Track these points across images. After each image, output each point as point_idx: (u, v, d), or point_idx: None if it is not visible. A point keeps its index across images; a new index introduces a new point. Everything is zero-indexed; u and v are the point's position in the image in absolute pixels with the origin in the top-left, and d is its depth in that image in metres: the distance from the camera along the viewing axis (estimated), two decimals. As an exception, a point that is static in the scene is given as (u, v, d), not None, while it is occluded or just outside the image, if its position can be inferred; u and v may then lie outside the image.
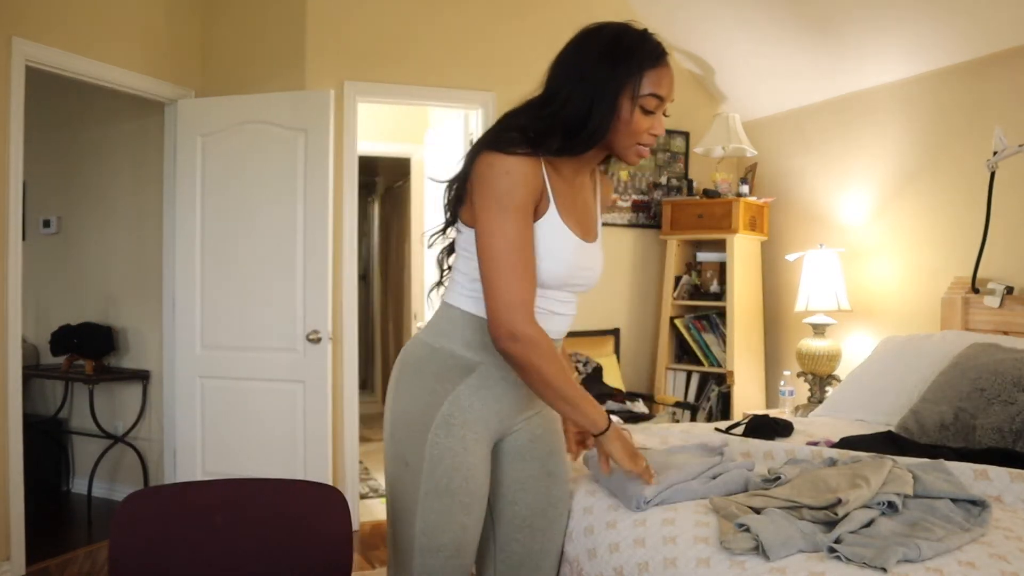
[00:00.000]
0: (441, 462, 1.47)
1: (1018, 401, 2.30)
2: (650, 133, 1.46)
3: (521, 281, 1.37)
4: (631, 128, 1.43)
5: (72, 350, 4.13)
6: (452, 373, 1.49)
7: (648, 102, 1.42)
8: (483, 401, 1.50)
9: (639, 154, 1.49)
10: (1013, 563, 1.33)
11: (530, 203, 1.41)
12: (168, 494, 1.53)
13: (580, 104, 1.40)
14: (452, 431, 1.47)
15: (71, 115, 4.43)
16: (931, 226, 3.56)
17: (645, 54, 1.42)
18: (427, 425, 1.48)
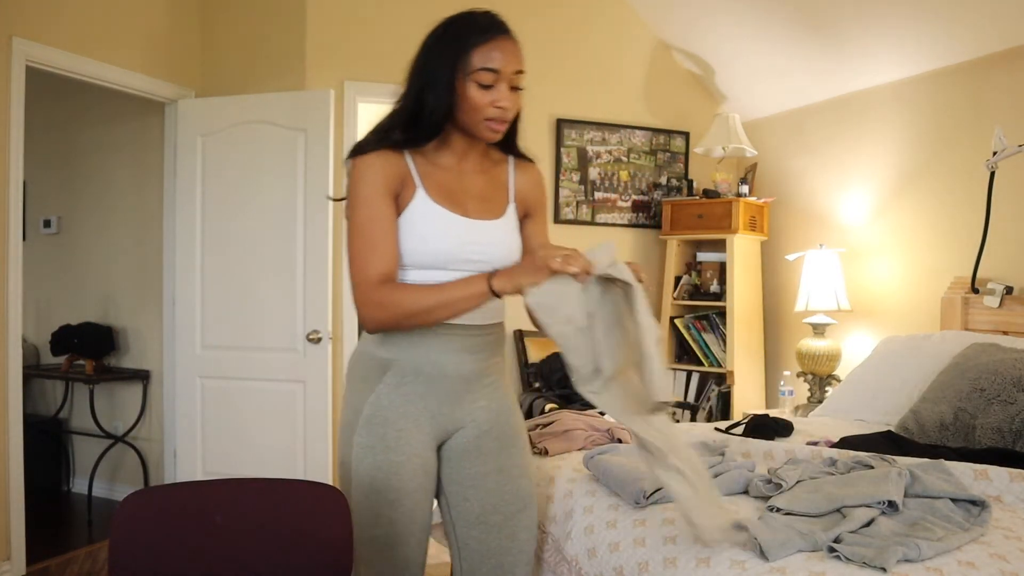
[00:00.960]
0: (363, 461, 1.54)
1: (1018, 401, 2.30)
2: (494, 106, 1.49)
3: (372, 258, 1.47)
4: (471, 104, 1.48)
5: (72, 350, 4.13)
6: (371, 373, 1.57)
7: (481, 76, 1.48)
8: (404, 397, 1.55)
9: (491, 128, 1.52)
10: (1013, 563, 1.33)
11: (383, 192, 1.49)
12: (168, 494, 1.53)
13: (416, 93, 1.50)
14: (372, 430, 1.54)
15: (71, 115, 4.43)
16: (931, 226, 3.56)
17: (473, 32, 1.49)
18: (354, 426, 1.56)
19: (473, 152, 1.62)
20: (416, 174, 1.53)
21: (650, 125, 4.53)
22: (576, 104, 4.35)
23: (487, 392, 1.63)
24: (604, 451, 2.02)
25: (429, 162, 1.56)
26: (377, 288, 1.47)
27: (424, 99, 1.50)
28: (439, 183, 1.56)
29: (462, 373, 1.58)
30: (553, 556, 1.87)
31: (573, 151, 4.34)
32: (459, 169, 1.60)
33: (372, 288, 1.47)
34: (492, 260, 1.58)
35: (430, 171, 1.56)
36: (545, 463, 2.14)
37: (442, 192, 1.55)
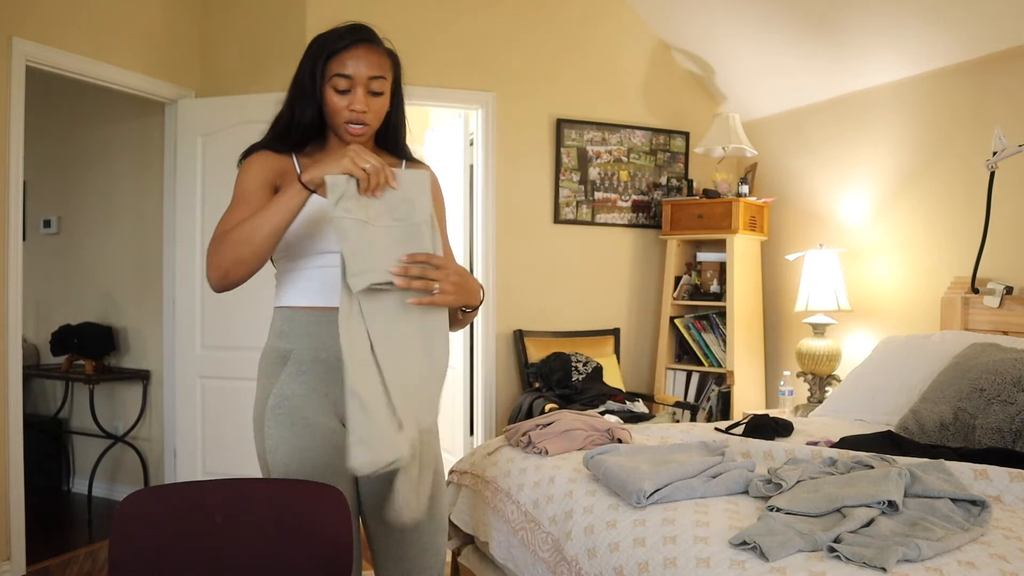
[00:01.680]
0: (276, 452, 1.56)
1: (1018, 401, 2.30)
2: (349, 109, 1.58)
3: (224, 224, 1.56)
4: (331, 109, 1.60)
5: (72, 350, 4.13)
6: (274, 366, 1.63)
7: (336, 83, 1.58)
8: (305, 386, 1.58)
9: (350, 132, 1.61)
10: (1013, 563, 1.33)
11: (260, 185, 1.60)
12: (168, 494, 1.53)
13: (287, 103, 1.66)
14: (279, 420, 1.57)
15: (71, 115, 4.43)
16: (931, 226, 3.56)
17: (331, 40, 1.59)
18: (261, 419, 1.60)
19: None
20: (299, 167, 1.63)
21: (650, 125, 4.53)
22: (576, 104, 4.35)
23: None
24: (604, 451, 2.02)
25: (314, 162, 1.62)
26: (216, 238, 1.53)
27: (293, 108, 1.64)
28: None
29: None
30: (553, 556, 1.87)
31: (573, 151, 4.34)
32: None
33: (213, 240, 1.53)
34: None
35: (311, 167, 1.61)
36: (545, 463, 2.14)
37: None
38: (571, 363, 3.92)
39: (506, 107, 4.17)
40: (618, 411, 3.61)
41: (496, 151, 4.16)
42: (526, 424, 2.38)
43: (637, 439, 2.39)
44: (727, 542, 1.46)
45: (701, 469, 1.79)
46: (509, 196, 4.20)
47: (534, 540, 1.97)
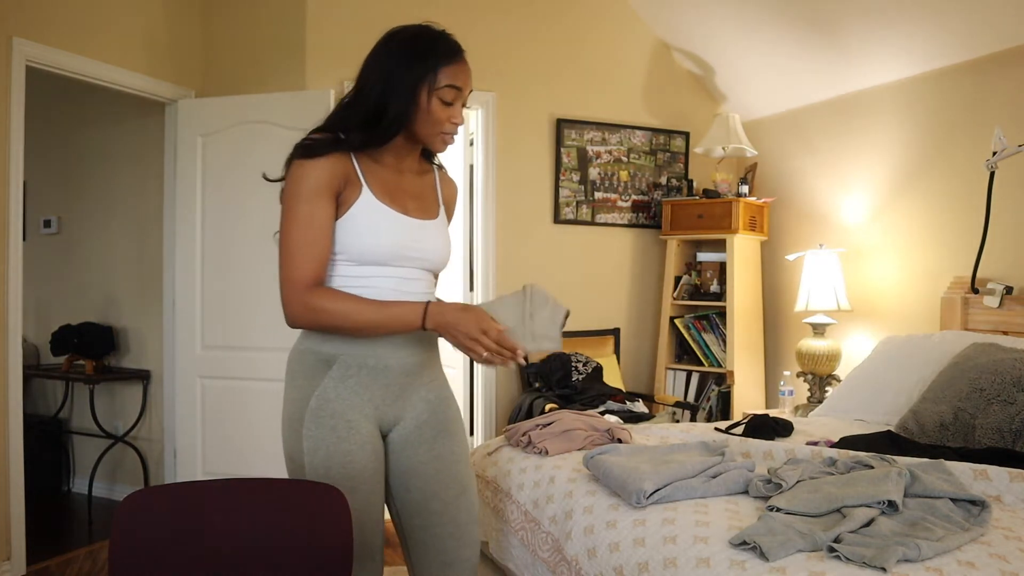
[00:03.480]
0: (316, 453, 1.56)
1: (1017, 401, 2.30)
2: (451, 121, 1.60)
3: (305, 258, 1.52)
4: (432, 118, 1.58)
5: (72, 350, 4.13)
6: (315, 369, 1.60)
7: (446, 94, 1.57)
8: (350, 390, 1.58)
9: (444, 141, 1.63)
10: (1013, 563, 1.33)
11: (325, 192, 1.54)
12: (168, 494, 1.53)
13: (379, 99, 1.56)
14: (321, 422, 1.56)
15: (71, 115, 4.43)
16: (931, 226, 3.56)
17: (441, 52, 1.57)
18: (300, 421, 1.59)
19: (410, 157, 1.69)
20: (360, 173, 1.59)
21: (650, 125, 4.53)
22: (576, 104, 4.35)
23: (426, 384, 1.69)
24: (604, 451, 2.02)
25: (372, 160, 1.62)
26: (308, 291, 1.52)
27: (386, 105, 1.56)
28: (382, 182, 1.62)
29: (404, 366, 1.63)
30: (553, 556, 1.87)
31: (573, 151, 4.34)
32: (398, 169, 1.67)
33: (303, 290, 1.52)
34: (429, 257, 1.66)
35: (373, 169, 1.62)
36: (545, 463, 2.14)
37: (384, 191, 1.61)
38: (571, 363, 3.92)
39: (506, 107, 4.17)
40: (618, 411, 3.61)
41: (496, 151, 4.16)
42: (526, 424, 2.38)
43: (637, 439, 2.39)
44: (727, 542, 1.46)
45: (701, 469, 1.79)
46: (509, 196, 4.20)
47: (534, 540, 1.97)
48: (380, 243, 1.57)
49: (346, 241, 1.57)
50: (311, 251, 1.53)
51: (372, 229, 1.57)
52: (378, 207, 1.58)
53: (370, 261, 1.58)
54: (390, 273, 1.60)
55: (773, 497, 1.62)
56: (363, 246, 1.57)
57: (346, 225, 1.57)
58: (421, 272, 1.67)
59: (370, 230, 1.57)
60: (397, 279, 1.61)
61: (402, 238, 1.60)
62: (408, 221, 1.62)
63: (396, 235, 1.59)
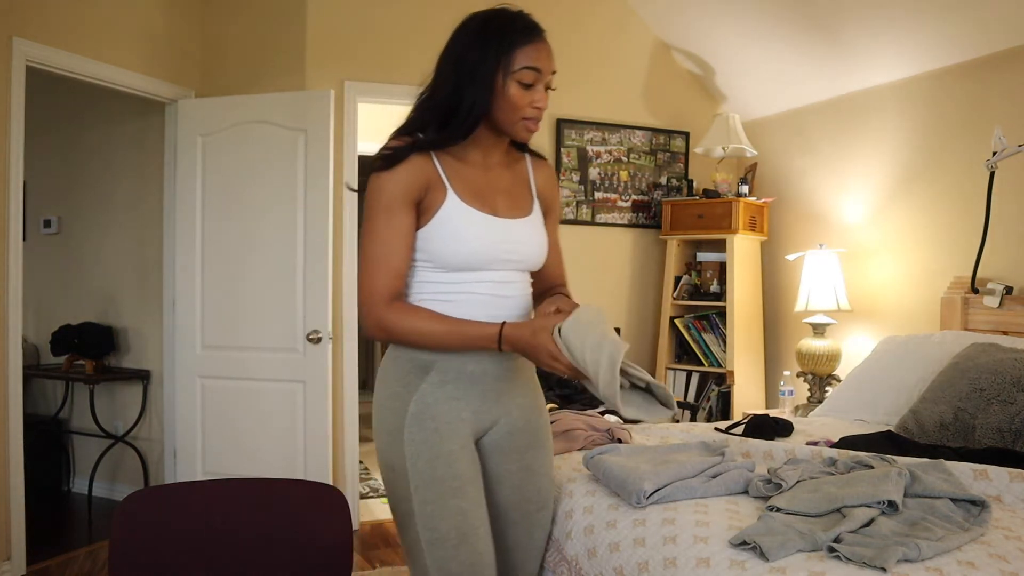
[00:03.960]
0: (420, 455, 1.50)
1: (1017, 401, 2.30)
2: (533, 106, 1.51)
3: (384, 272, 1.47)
4: (510, 104, 1.49)
5: (72, 350, 4.13)
6: (412, 375, 1.54)
7: (524, 76, 1.48)
8: (448, 395, 1.54)
9: (527, 128, 1.53)
10: (1013, 563, 1.33)
11: (405, 202, 1.48)
12: (168, 494, 1.53)
13: (453, 91, 1.48)
14: (423, 424, 1.51)
15: (71, 115, 4.43)
16: (931, 226, 3.56)
17: (516, 31, 1.48)
18: (400, 427, 1.52)
19: (497, 149, 1.61)
20: (444, 176, 1.51)
21: (650, 125, 4.53)
22: (576, 104, 4.35)
23: (521, 390, 1.64)
24: (604, 451, 2.02)
25: (456, 159, 1.54)
26: (387, 307, 1.47)
27: (461, 96, 1.48)
28: (467, 182, 1.54)
29: (500, 372, 1.59)
30: (553, 556, 1.87)
31: (573, 151, 4.34)
32: (485, 165, 1.59)
33: (381, 306, 1.47)
34: (523, 258, 1.59)
35: (458, 169, 1.54)
36: (545, 463, 2.14)
37: (471, 192, 1.53)
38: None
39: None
40: (618, 411, 3.61)
41: (496, 151, 4.16)
42: (526, 424, 2.38)
43: (637, 439, 2.39)
44: (727, 542, 1.46)
45: (701, 469, 1.79)
46: (509, 196, 4.19)
47: (534, 540, 1.97)
48: (470, 249, 1.51)
49: (434, 248, 1.51)
50: (388, 264, 1.47)
51: (460, 234, 1.50)
52: (465, 211, 1.51)
53: (461, 267, 1.52)
54: (484, 278, 1.54)
55: (773, 497, 1.62)
56: (452, 253, 1.50)
57: (433, 232, 1.50)
58: (517, 274, 1.60)
59: (458, 236, 1.50)
60: (492, 283, 1.55)
61: (493, 241, 1.52)
62: (498, 223, 1.54)
63: (486, 239, 1.52)
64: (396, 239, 1.48)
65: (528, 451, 1.66)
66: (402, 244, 1.48)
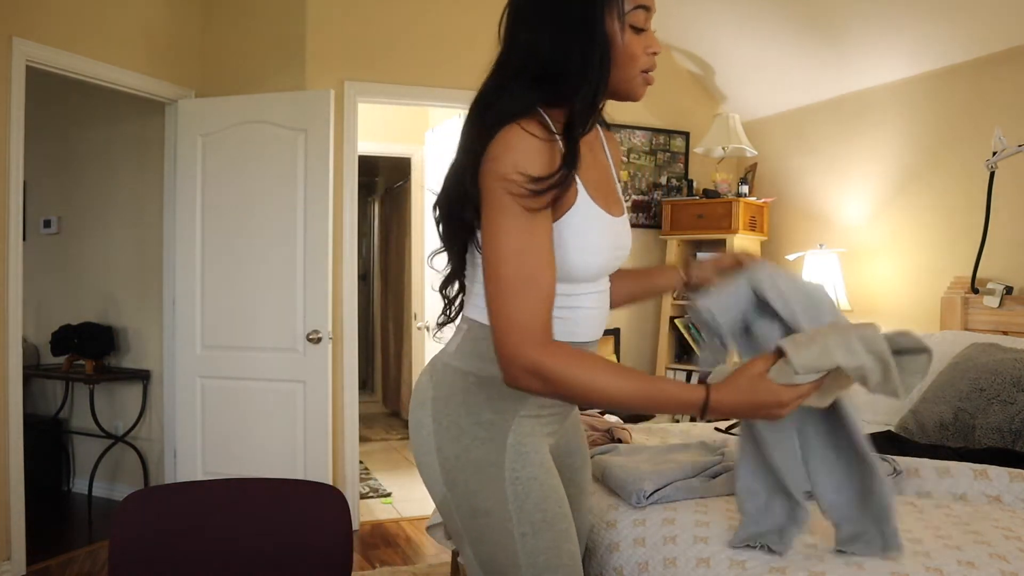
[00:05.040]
0: (529, 496, 1.25)
1: (1017, 401, 2.30)
2: (648, 53, 1.27)
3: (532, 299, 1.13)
4: (629, 53, 1.23)
5: (72, 350, 4.13)
6: (507, 401, 1.27)
7: (636, 17, 1.24)
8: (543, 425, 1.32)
9: (647, 81, 1.29)
10: (1013, 563, 1.33)
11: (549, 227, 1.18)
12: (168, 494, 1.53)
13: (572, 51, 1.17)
14: (527, 459, 1.26)
15: (71, 115, 4.43)
16: (931, 226, 3.56)
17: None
18: (499, 463, 1.25)
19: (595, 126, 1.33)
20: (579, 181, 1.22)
21: (650, 125, 4.53)
22: (576, 104, 4.34)
23: (574, 408, 1.46)
24: (604, 451, 2.02)
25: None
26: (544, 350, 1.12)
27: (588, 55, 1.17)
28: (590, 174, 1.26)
29: None
30: (553, 556, 1.87)
31: (573, 151, 4.33)
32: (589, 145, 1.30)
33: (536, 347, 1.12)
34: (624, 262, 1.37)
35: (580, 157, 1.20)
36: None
37: (595, 186, 1.26)
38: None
39: (506, 107, 4.16)
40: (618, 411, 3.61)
41: (496, 151, 4.16)
42: (526, 424, 2.38)
43: (637, 439, 2.39)
44: (727, 543, 1.46)
45: (701, 469, 1.79)
46: (509, 196, 4.19)
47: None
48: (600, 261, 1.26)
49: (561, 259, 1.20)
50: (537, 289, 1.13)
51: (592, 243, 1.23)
52: (595, 213, 1.23)
53: (583, 279, 1.26)
54: (593, 288, 1.30)
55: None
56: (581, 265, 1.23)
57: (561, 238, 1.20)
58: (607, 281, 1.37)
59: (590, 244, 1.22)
60: (599, 294, 1.32)
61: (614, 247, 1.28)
62: (615, 224, 1.29)
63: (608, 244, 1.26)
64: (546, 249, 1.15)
65: (581, 470, 1.50)
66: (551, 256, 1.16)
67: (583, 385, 1.12)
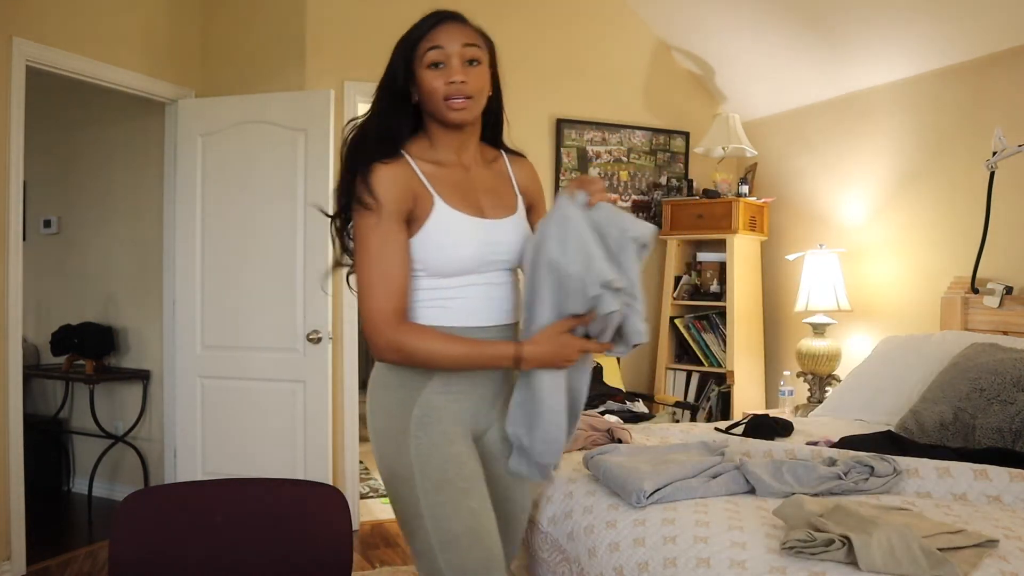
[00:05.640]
0: (429, 459, 1.50)
1: (1017, 401, 2.30)
2: (447, 83, 1.49)
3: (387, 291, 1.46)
4: (428, 88, 1.50)
5: (72, 350, 4.13)
6: (414, 379, 1.54)
7: (431, 56, 1.50)
8: (451, 398, 1.55)
9: (452, 107, 1.51)
10: (1013, 563, 1.33)
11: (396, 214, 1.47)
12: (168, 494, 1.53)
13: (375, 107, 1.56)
14: (429, 428, 1.52)
15: (71, 115, 4.43)
16: (931, 226, 3.56)
17: (420, 26, 1.53)
18: (405, 432, 1.52)
19: (467, 148, 1.61)
20: (427, 183, 1.52)
21: (650, 125, 4.53)
22: (576, 104, 4.35)
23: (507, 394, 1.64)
24: (604, 451, 2.02)
25: (434, 165, 1.55)
26: (396, 329, 1.46)
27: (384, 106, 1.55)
28: (451, 185, 1.55)
29: (496, 375, 1.61)
30: (553, 556, 1.87)
31: (573, 151, 4.34)
32: (462, 165, 1.59)
33: (390, 327, 1.46)
34: (511, 259, 1.60)
35: (438, 174, 1.54)
36: (545, 463, 2.14)
37: (456, 195, 1.54)
38: (571, 363, 3.91)
39: (506, 107, 4.16)
40: (618, 411, 3.61)
41: (496, 151, 4.16)
42: (526, 424, 2.37)
43: (637, 439, 2.39)
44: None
45: (701, 469, 1.79)
46: (509, 196, 4.19)
47: (533, 540, 1.97)
48: (462, 255, 1.52)
49: (426, 257, 1.51)
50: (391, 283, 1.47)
51: (451, 241, 1.51)
52: (453, 216, 1.52)
53: (453, 273, 1.52)
54: (476, 280, 1.55)
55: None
56: (444, 260, 1.51)
57: (424, 240, 1.50)
58: (505, 274, 1.61)
59: (449, 243, 1.51)
60: (484, 286, 1.56)
61: (480, 244, 1.53)
62: (485, 225, 1.55)
63: (475, 243, 1.52)
64: (398, 252, 1.47)
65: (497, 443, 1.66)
66: (405, 257, 1.48)
67: (426, 352, 1.47)
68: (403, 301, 1.48)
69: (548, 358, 1.47)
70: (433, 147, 1.57)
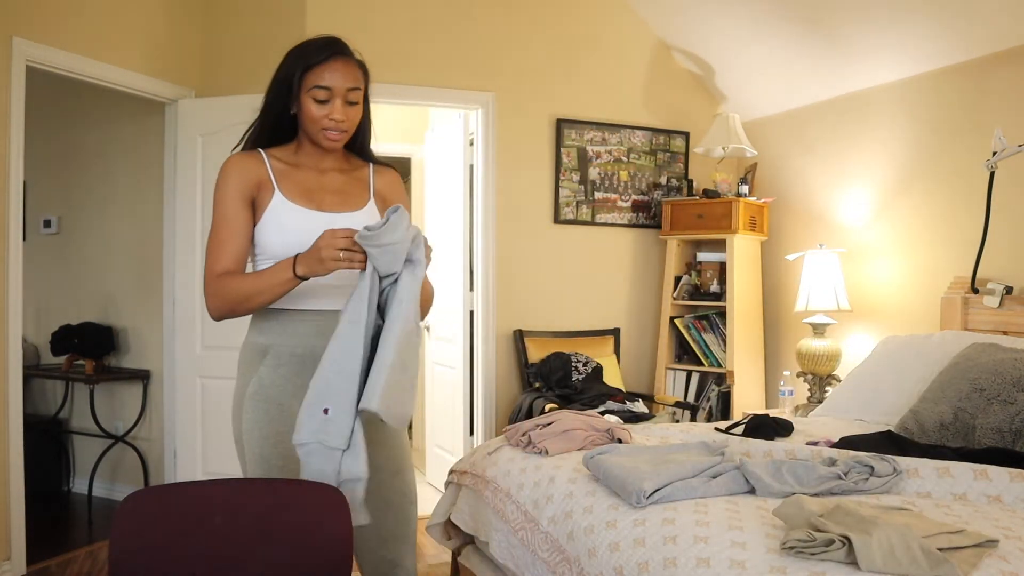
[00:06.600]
0: (252, 435, 1.68)
1: (1017, 401, 2.30)
2: (328, 119, 1.69)
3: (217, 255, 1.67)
4: (309, 117, 1.71)
5: (72, 350, 4.13)
6: (253, 357, 1.72)
7: (316, 94, 1.69)
8: (282, 377, 1.69)
9: (328, 138, 1.72)
10: (1012, 563, 1.33)
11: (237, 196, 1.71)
12: (168, 494, 1.53)
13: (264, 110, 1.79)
14: (257, 406, 1.68)
15: (71, 115, 4.43)
16: (931, 226, 3.56)
17: (309, 53, 1.72)
18: (240, 404, 1.71)
19: (330, 157, 1.80)
20: (273, 178, 1.73)
21: (650, 125, 4.53)
22: (576, 104, 4.35)
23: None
24: (604, 451, 2.02)
25: (289, 165, 1.76)
26: (214, 281, 1.65)
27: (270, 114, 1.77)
28: (296, 183, 1.74)
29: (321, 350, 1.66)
30: (553, 556, 1.87)
31: (573, 151, 4.34)
32: (318, 170, 1.78)
33: (211, 281, 1.66)
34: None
35: (288, 173, 1.74)
36: (545, 463, 2.14)
37: (298, 191, 1.73)
38: (571, 363, 3.92)
39: (506, 107, 4.17)
40: (618, 411, 3.61)
41: (496, 151, 4.16)
42: (526, 424, 2.38)
43: (637, 439, 2.39)
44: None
45: (701, 469, 1.79)
46: (509, 196, 4.20)
47: (534, 540, 1.97)
48: (290, 240, 1.66)
49: (263, 241, 1.70)
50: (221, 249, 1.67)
51: (283, 227, 1.69)
52: (288, 206, 1.70)
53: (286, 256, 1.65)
54: None
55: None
56: (278, 244, 1.68)
57: (262, 226, 1.70)
58: None
59: (281, 229, 1.69)
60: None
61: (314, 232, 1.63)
62: (321, 216, 1.71)
63: (306, 231, 1.64)
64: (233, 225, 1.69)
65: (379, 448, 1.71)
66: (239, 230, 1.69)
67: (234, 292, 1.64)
68: (231, 264, 1.67)
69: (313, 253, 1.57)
70: (297, 153, 1.78)
